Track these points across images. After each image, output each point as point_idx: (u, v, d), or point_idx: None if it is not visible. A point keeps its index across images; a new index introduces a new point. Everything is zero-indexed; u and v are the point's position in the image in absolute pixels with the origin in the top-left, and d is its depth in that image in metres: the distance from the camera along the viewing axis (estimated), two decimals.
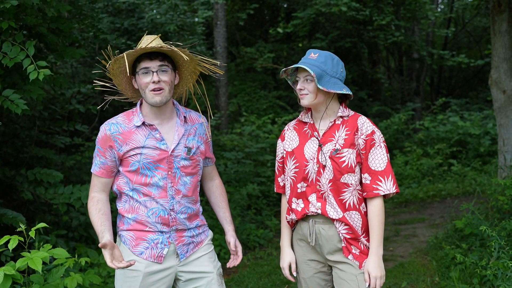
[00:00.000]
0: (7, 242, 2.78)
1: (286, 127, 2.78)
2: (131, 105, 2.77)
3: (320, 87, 2.47)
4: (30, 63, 3.41)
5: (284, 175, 2.74)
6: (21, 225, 2.92)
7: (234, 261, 2.76)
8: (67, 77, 7.67)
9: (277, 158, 2.80)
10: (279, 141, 2.79)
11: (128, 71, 2.40)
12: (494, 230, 4.20)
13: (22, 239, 2.84)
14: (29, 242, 3.00)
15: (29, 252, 2.84)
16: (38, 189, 4.45)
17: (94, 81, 2.67)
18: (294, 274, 2.74)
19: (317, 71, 2.48)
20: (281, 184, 2.78)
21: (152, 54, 2.44)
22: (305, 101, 2.55)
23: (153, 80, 2.43)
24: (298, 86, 2.55)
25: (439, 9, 16.71)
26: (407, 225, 7.01)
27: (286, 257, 2.72)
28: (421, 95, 14.58)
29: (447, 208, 7.48)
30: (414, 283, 4.74)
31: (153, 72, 2.43)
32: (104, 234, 2.41)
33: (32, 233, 2.85)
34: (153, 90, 2.43)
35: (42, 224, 2.90)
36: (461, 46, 17.57)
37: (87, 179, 5.71)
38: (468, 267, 4.50)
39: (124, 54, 2.38)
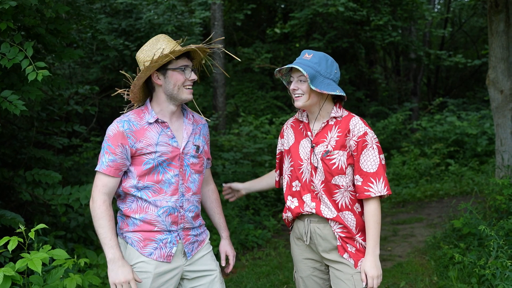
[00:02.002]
0: (7, 243, 2.78)
1: (286, 125, 2.81)
2: (127, 105, 2.76)
3: (313, 87, 2.47)
4: (29, 64, 3.40)
5: (280, 171, 2.84)
6: (20, 226, 2.91)
7: (226, 268, 2.86)
8: (65, 78, 7.67)
9: (276, 155, 2.87)
10: (279, 137, 2.84)
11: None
12: (492, 230, 4.21)
13: (21, 240, 2.84)
14: (28, 243, 2.99)
15: (29, 253, 2.83)
16: (37, 190, 4.44)
17: (116, 88, 2.70)
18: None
19: (310, 72, 2.48)
20: (277, 179, 2.88)
21: (188, 54, 2.54)
22: (299, 102, 2.57)
23: (192, 78, 2.52)
24: (292, 86, 2.56)
25: (436, 9, 16.73)
26: (405, 225, 7.02)
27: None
28: (418, 95, 14.60)
29: (444, 207, 7.49)
30: (412, 282, 4.75)
31: (191, 70, 2.53)
32: (119, 250, 2.41)
33: (31, 234, 2.85)
34: (189, 86, 2.53)
35: (41, 225, 2.90)
36: (458, 46, 17.62)
37: (85, 180, 5.70)
38: (466, 266, 4.51)
39: (179, 48, 2.45)
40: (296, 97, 2.57)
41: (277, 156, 2.84)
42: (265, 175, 3.04)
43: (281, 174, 2.85)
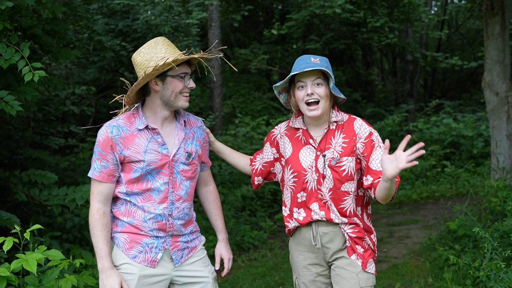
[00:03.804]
0: (2, 243, 2.78)
1: (278, 133, 2.73)
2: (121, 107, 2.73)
3: (333, 91, 2.45)
4: (25, 65, 3.40)
5: (264, 177, 2.78)
6: (16, 227, 2.91)
7: (222, 272, 2.80)
8: (61, 78, 7.66)
9: (261, 161, 2.79)
10: (267, 144, 2.76)
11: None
12: (487, 232, 4.23)
13: (16, 240, 2.84)
14: (24, 243, 3.00)
15: (24, 253, 2.83)
16: (32, 191, 4.44)
17: (113, 95, 2.64)
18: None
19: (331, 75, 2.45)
20: (260, 182, 2.82)
21: (188, 61, 2.47)
22: (318, 111, 2.47)
23: (190, 86, 2.47)
24: (308, 91, 2.45)
25: (432, 12, 16.78)
26: (401, 226, 7.04)
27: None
28: (414, 97, 14.63)
29: (440, 209, 7.51)
30: (407, 284, 4.76)
31: (190, 77, 2.47)
32: (108, 260, 2.41)
33: (27, 235, 2.85)
34: (186, 94, 2.48)
35: (36, 226, 2.90)
36: (454, 48, 17.66)
37: (81, 180, 5.70)
38: (461, 268, 4.53)
39: (183, 57, 2.41)
40: (311, 102, 2.47)
41: (264, 164, 2.76)
42: (244, 157, 2.87)
43: (265, 180, 2.81)
